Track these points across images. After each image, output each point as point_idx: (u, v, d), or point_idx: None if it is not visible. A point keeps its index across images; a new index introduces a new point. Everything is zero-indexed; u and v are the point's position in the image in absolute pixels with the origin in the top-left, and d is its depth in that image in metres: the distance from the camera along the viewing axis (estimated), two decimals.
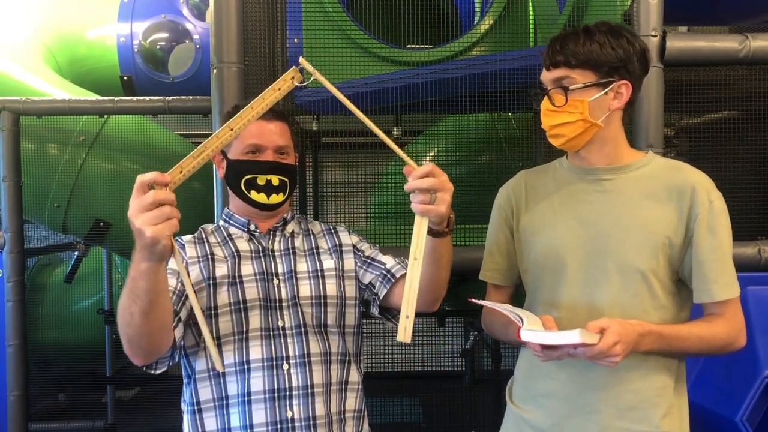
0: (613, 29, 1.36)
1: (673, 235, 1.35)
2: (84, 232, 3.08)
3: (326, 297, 1.44)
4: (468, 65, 2.14)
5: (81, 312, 3.67)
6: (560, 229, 1.42)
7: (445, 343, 3.78)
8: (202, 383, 1.39)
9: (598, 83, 1.34)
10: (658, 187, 1.38)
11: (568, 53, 1.34)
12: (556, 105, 1.36)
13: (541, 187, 1.50)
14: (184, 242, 1.47)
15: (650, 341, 1.28)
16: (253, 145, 1.45)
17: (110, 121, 3.05)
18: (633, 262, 1.35)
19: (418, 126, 3.35)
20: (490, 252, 1.56)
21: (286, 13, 2.33)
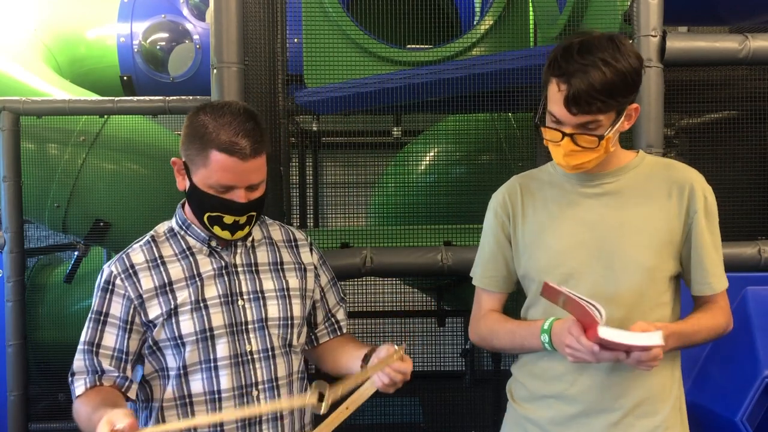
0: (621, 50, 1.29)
1: (674, 232, 1.38)
2: (84, 232, 3.08)
3: (293, 318, 1.41)
4: (468, 65, 2.14)
5: (81, 312, 3.66)
6: (563, 234, 1.42)
7: (445, 343, 3.78)
8: (169, 411, 1.35)
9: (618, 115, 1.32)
10: (657, 186, 1.40)
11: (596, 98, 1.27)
12: (583, 146, 1.32)
13: (538, 192, 1.49)
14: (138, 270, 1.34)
15: (673, 341, 1.30)
16: (224, 186, 1.28)
17: (110, 121, 3.05)
18: (639, 261, 1.36)
19: (418, 126, 3.35)
20: (490, 259, 1.53)
21: (286, 13, 2.33)
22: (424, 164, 3.20)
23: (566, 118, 1.31)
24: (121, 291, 1.33)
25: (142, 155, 3.12)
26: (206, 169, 1.27)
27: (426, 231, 2.33)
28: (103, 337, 1.33)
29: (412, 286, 3.45)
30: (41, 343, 3.45)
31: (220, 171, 1.26)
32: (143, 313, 1.32)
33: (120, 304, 1.33)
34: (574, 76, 1.26)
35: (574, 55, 1.28)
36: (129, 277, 1.34)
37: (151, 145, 3.12)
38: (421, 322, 3.66)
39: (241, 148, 1.25)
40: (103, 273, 1.36)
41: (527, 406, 1.46)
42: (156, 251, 1.37)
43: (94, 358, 1.31)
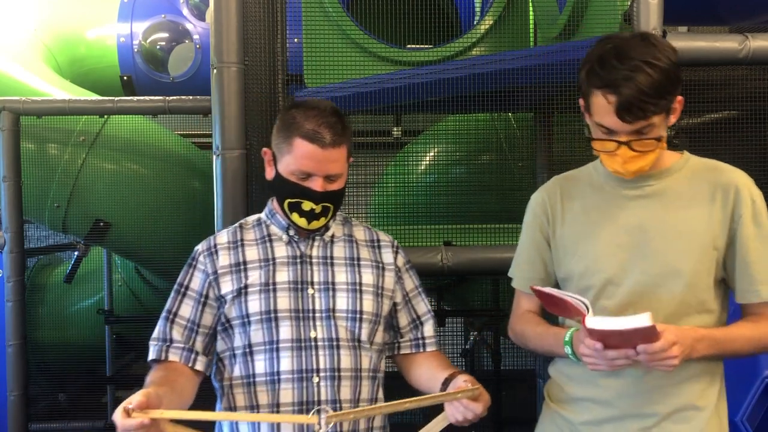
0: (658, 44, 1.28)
1: (717, 236, 1.33)
2: (84, 232, 3.08)
3: (362, 312, 1.42)
4: (468, 65, 2.14)
5: (81, 312, 3.66)
6: (602, 238, 1.39)
7: (445, 343, 3.77)
8: (237, 389, 1.39)
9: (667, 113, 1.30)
10: (701, 189, 1.35)
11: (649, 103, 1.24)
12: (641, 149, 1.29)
13: (578, 195, 1.45)
14: (219, 249, 1.43)
15: (704, 347, 1.26)
16: (304, 172, 1.37)
17: (110, 121, 3.05)
18: (679, 267, 1.32)
19: (418, 126, 3.35)
20: (527, 260, 1.51)
21: (286, 13, 2.33)
22: (424, 164, 3.20)
23: (620, 127, 1.27)
24: (201, 267, 1.42)
25: (142, 155, 3.12)
26: (290, 156, 1.37)
27: (426, 231, 2.33)
28: (180, 307, 1.41)
29: None
30: (41, 343, 3.46)
31: (301, 157, 1.36)
32: (217, 287, 1.40)
33: (199, 278, 1.42)
34: (621, 85, 1.23)
35: (614, 63, 1.24)
36: (210, 255, 1.43)
37: (151, 145, 3.13)
38: None
39: (321, 137, 1.34)
40: (194, 251, 1.46)
41: (564, 406, 1.44)
42: (239, 235, 1.47)
43: (167, 325, 1.39)
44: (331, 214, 1.42)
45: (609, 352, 1.20)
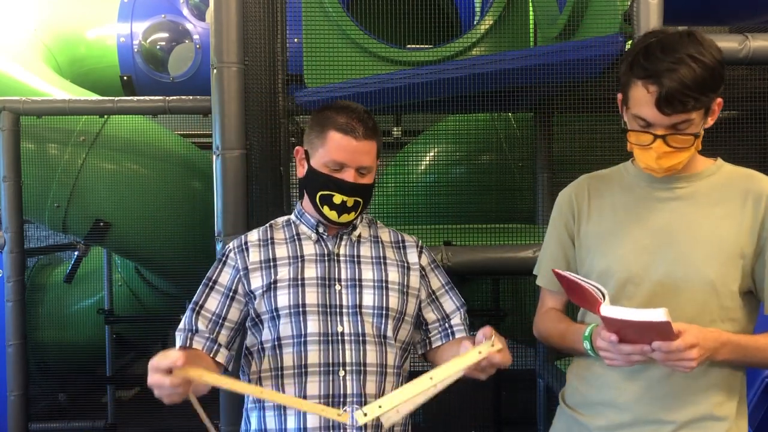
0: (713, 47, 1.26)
1: (745, 245, 1.31)
2: (84, 232, 3.08)
3: (388, 309, 1.44)
4: (468, 65, 2.14)
5: (81, 312, 3.66)
6: (627, 238, 1.37)
7: None
8: (265, 382, 1.42)
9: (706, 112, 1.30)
10: (732, 195, 1.34)
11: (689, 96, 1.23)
12: (677, 146, 1.28)
13: (607, 194, 1.45)
14: (250, 246, 1.47)
15: (728, 351, 1.25)
16: (337, 162, 1.42)
17: (110, 121, 3.05)
18: (703, 272, 1.30)
19: (418, 126, 3.35)
20: (551, 257, 1.50)
21: (286, 13, 2.33)
22: (424, 164, 3.20)
23: (658, 119, 1.26)
24: (231, 263, 1.46)
25: (142, 155, 3.12)
26: (323, 149, 1.42)
27: (426, 231, 2.33)
28: (207, 301, 1.43)
29: None
30: (41, 343, 3.46)
31: (335, 149, 1.41)
32: (246, 283, 1.43)
33: (228, 274, 1.45)
34: (664, 76, 1.22)
35: (658, 55, 1.24)
36: (241, 252, 1.46)
37: (151, 145, 3.13)
38: None
39: (354, 129, 1.40)
40: (226, 248, 1.50)
41: (579, 411, 1.43)
42: (269, 234, 1.50)
43: (193, 316, 1.41)
44: (361, 209, 1.46)
45: (624, 347, 1.19)
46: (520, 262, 2.07)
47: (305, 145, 1.48)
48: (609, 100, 2.06)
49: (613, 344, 1.20)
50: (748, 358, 1.30)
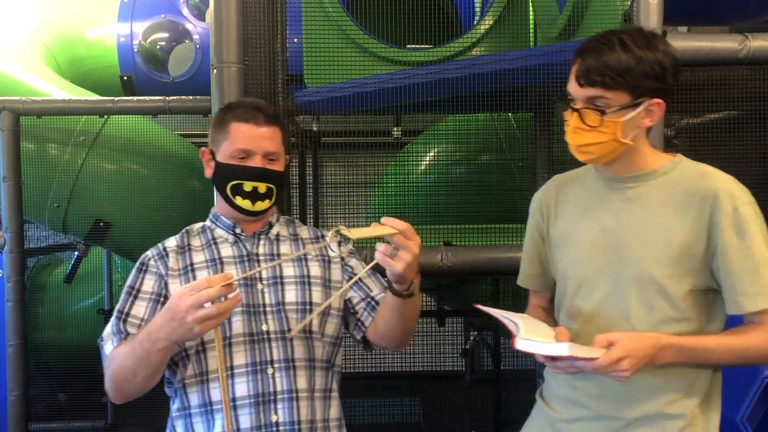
0: (650, 42, 1.29)
1: (693, 244, 1.29)
2: (84, 232, 3.08)
3: (312, 304, 1.44)
4: (468, 65, 2.14)
5: (81, 312, 3.67)
6: (584, 240, 1.40)
7: (445, 343, 3.78)
8: (190, 388, 1.39)
9: (632, 104, 1.29)
10: (680, 194, 1.33)
11: (606, 74, 1.26)
12: (589, 124, 1.30)
13: (571, 195, 1.48)
14: (169, 252, 1.46)
15: (670, 354, 1.25)
16: (242, 150, 1.43)
17: (110, 121, 3.05)
18: (650, 273, 1.31)
19: (418, 126, 3.35)
20: (527, 258, 1.56)
21: (286, 13, 2.33)
22: (424, 164, 3.20)
23: (575, 91, 1.32)
24: (153, 269, 1.43)
25: (142, 155, 3.12)
26: (227, 142, 1.43)
27: (426, 231, 2.33)
28: (133, 308, 1.40)
29: None
30: (41, 343, 3.46)
31: (238, 137, 1.42)
32: (167, 290, 1.42)
33: (152, 280, 1.42)
34: (588, 53, 1.29)
35: (598, 36, 1.31)
36: (161, 258, 1.45)
37: (151, 145, 3.13)
38: (421, 322, 3.66)
39: (255, 116, 1.43)
40: (142, 256, 1.47)
41: (548, 403, 1.49)
42: (186, 240, 1.50)
43: (121, 324, 1.38)
44: (275, 198, 1.46)
45: (558, 363, 1.24)
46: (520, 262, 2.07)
47: (210, 146, 1.48)
48: None
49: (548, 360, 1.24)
50: (697, 359, 1.28)
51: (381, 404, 3.38)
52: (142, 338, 1.23)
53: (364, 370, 3.50)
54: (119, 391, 1.32)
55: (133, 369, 1.26)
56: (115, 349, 1.33)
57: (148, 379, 1.28)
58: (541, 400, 1.52)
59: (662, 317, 1.30)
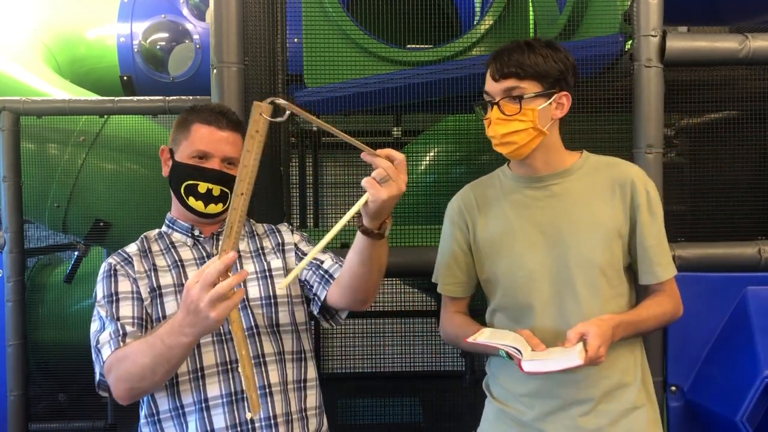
0: (551, 44, 1.47)
1: (621, 226, 1.47)
2: (84, 232, 3.08)
3: (276, 296, 1.44)
4: (468, 65, 2.14)
5: (81, 312, 3.66)
6: (520, 238, 1.50)
7: (445, 343, 3.78)
8: (158, 393, 1.39)
9: (544, 93, 1.44)
10: (601, 184, 1.50)
11: (517, 65, 1.42)
12: (508, 114, 1.43)
13: (492, 199, 1.57)
14: (132, 257, 1.45)
15: (621, 330, 1.39)
16: (201, 151, 1.43)
17: (110, 121, 3.05)
18: (591, 257, 1.45)
19: (418, 126, 3.34)
20: (448, 266, 1.61)
21: (286, 13, 2.33)
22: (424, 164, 3.20)
23: (491, 88, 1.47)
24: (122, 273, 1.44)
25: (142, 155, 3.12)
26: (187, 141, 1.44)
27: (426, 231, 2.33)
28: (120, 310, 1.38)
29: (412, 286, 3.45)
30: (41, 343, 3.45)
31: (198, 139, 1.43)
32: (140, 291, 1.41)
33: (126, 282, 1.42)
34: (499, 54, 1.47)
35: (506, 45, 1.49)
36: (127, 263, 1.45)
37: (151, 145, 3.12)
38: (421, 322, 3.66)
39: (218, 120, 1.44)
40: (104, 267, 1.45)
41: (510, 405, 1.51)
42: (146, 245, 1.49)
43: (117, 325, 1.35)
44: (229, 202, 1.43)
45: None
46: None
47: (170, 145, 1.49)
48: (609, 100, 2.06)
49: None
50: (637, 331, 1.46)
51: (381, 404, 3.38)
52: (164, 334, 1.19)
53: (364, 370, 3.51)
54: (131, 390, 1.28)
55: (153, 366, 1.22)
56: (121, 350, 1.30)
57: (168, 374, 1.25)
58: (498, 403, 1.54)
59: (606, 296, 1.46)
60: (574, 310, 1.44)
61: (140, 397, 1.34)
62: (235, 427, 1.35)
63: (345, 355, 3.48)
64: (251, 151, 1.10)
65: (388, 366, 3.56)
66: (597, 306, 1.45)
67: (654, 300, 1.50)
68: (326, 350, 3.64)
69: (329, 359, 3.60)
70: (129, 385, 1.28)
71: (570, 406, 1.45)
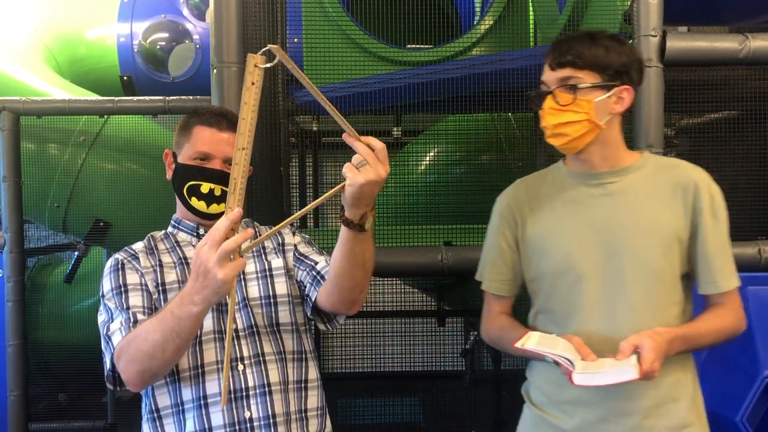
0: (616, 36, 1.40)
1: (681, 231, 1.39)
2: (84, 232, 3.08)
3: (276, 296, 1.45)
4: (468, 65, 2.14)
5: (81, 312, 3.66)
6: (571, 236, 1.42)
7: (445, 343, 3.78)
8: (159, 390, 1.39)
9: (603, 85, 1.36)
10: (662, 186, 1.41)
11: (575, 54, 1.35)
12: (562, 104, 1.36)
13: (544, 195, 1.49)
14: (138, 253, 1.46)
15: (677, 345, 1.31)
16: (203, 152, 1.44)
17: (110, 121, 3.05)
18: (646, 262, 1.37)
19: (418, 126, 3.35)
20: (494, 263, 1.54)
21: (286, 13, 2.33)
22: (424, 164, 3.20)
23: (548, 76, 1.40)
24: (130, 267, 1.43)
25: (142, 155, 3.12)
26: (189, 144, 1.46)
27: (426, 231, 2.33)
28: (130, 300, 1.37)
29: (412, 286, 3.45)
30: (41, 343, 3.45)
31: (200, 141, 1.44)
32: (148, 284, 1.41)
33: (135, 274, 1.42)
34: (559, 43, 1.40)
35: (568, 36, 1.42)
36: (134, 258, 1.45)
37: (151, 145, 3.12)
38: (421, 322, 3.66)
39: (218, 121, 1.45)
40: (110, 262, 1.44)
41: (549, 412, 1.45)
42: (152, 243, 1.50)
43: (129, 314, 1.34)
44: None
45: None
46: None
47: (173, 149, 1.51)
48: None
49: None
50: (692, 346, 1.38)
51: (381, 404, 3.38)
52: (173, 307, 1.18)
53: (365, 370, 3.51)
54: (142, 373, 1.26)
55: (163, 342, 1.20)
56: (131, 332, 1.29)
57: (177, 352, 1.22)
58: (537, 409, 1.47)
59: (661, 303, 1.37)
60: (627, 317, 1.36)
61: (151, 381, 1.31)
62: (233, 426, 1.35)
63: (345, 355, 3.48)
64: (248, 103, 1.10)
65: (388, 366, 3.57)
66: (650, 313, 1.36)
67: (713, 313, 1.40)
68: (326, 350, 3.64)
69: (329, 359, 3.60)
70: (140, 366, 1.25)
71: (614, 417, 1.37)
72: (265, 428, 1.36)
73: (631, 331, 1.31)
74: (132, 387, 1.30)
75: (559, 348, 1.29)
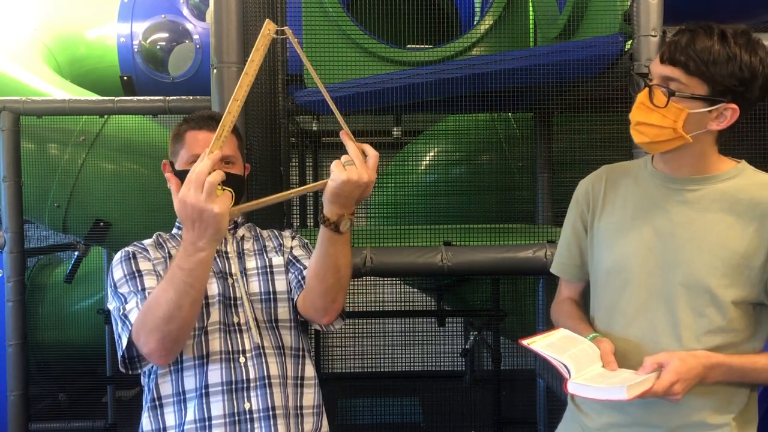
0: (750, 44, 1.23)
1: (751, 256, 1.26)
2: (84, 232, 3.08)
3: (276, 292, 1.47)
4: (468, 65, 2.13)
5: (81, 312, 3.66)
6: (633, 238, 1.35)
7: (445, 343, 3.78)
8: (162, 378, 1.41)
9: (705, 98, 1.23)
10: (742, 204, 1.28)
11: (690, 56, 1.21)
12: (654, 104, 1.25)
13: (623, 188, 1.41)
14: (147, 247, 1.49)
15: (719, 373, 1.23)
16: (197, 155, 1.40)
17: (110, 121, 3.05)
18: (703, 280, 1.26)
19: (418, 126, 3.35)
20: (566, 246, 1.50)
21: (286, 13, 2.33)
22: (424, 164, 3.20)
23: (655, 67, 1.27)
24: (141, 255, 1.46)
25: (142, 155, 3.12)
26: (184, 150, 1.50)
27: (426, 231, 2.33)
28: (144, 282, 1.39)
29: (412, 286, 3.46)
30: (41, 343, 3.46)
31: (194, 143, 1.48)
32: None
33: (147, 262, 1.44)
34: (684, 33, 1.24)
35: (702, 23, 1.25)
36: (143, 250, 1.48)
37: (151, 145, 3.13)
38: (421, 322, 3.66)
39: (208, 124, 1.48)
40: (120, 254, 1.46)
41: (582, 409, 1.43)
42: (161, 240, 1.55)
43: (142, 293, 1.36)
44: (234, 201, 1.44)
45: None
46: (520, 262, 2.07)
47: (170, 158, 1.55)
48: (609, 99, 2.06)
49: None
50: (745, 379, 1.27)
51: (381, 404, 3.38)
52: (179, 262, 1.19)
53: (365, 370, 3.51)
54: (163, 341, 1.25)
55: (178, 299, 1.21)
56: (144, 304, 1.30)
57: (194, 306, 1.23)
58: (573, 405, 1.46)
59: (711, 326, 1.26)
60: (667, 331, 1.28)
61: (174, 349, 1.30)
62: (232, 416, 1.37)
63: (345, 355, 3.49)
64: (255, 61, 1.19)
65: (388, 366, 3.57)
66: (694, 334, 1.26)
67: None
68: (326, 350, 3.64)
69: (329, 359, 3.61)
70: (160, 333, 1.25)
71: (637, 426, 1.32)
72: (264, 420, 1.38)
73: (669, 349, 1.24)
74: (156, 360, 1.31)
75: (572, 350, 1.26)
